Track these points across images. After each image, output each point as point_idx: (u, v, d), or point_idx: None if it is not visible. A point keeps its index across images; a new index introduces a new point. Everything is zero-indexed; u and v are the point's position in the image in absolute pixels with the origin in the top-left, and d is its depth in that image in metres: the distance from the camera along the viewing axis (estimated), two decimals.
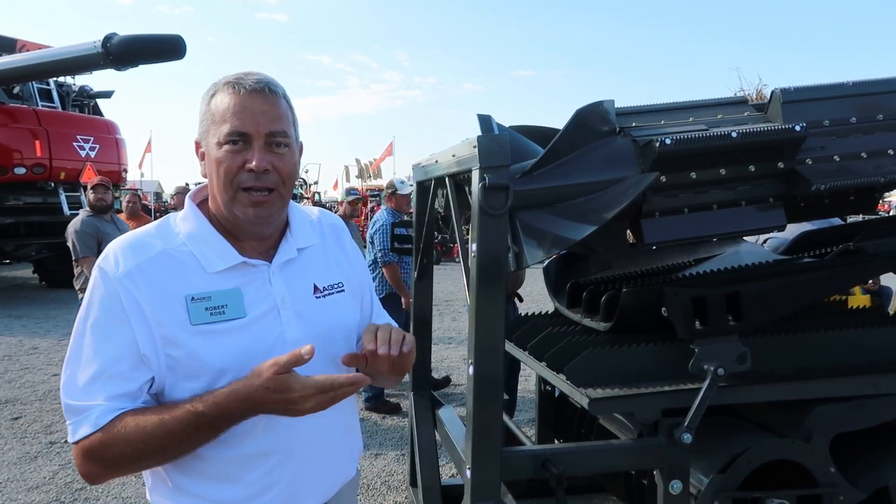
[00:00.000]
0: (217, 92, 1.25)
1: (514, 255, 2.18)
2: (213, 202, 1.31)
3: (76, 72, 10.66)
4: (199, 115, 1.29)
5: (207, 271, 1.24)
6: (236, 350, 1.23)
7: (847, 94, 2.32)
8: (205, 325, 1.21)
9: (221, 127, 1.22)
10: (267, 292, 1.29)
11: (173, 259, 1.24)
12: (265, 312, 1.27)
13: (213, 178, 1.26)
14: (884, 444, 2.39)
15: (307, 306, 1.34)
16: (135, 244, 1.25)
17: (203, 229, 1.28)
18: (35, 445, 4.58)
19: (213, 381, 1.22)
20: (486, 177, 1.99)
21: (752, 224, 2.31)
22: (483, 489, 2.04)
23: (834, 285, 2.59)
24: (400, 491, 3.94)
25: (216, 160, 1.24)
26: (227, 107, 1.23)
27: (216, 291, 1.23)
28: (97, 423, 1.18)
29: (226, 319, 1.23)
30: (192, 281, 1.23)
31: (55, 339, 7.97)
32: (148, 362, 1.21)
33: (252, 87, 1.24)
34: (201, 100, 1.28)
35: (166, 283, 1.21)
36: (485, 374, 2.05)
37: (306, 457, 1.33)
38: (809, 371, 2.29)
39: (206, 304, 1.22)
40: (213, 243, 1.27)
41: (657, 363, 2.26)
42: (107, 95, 13.63)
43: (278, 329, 1.28)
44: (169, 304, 1.20)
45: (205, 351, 1.21)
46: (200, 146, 1.30)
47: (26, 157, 10.54)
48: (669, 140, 2.06)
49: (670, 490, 2.11)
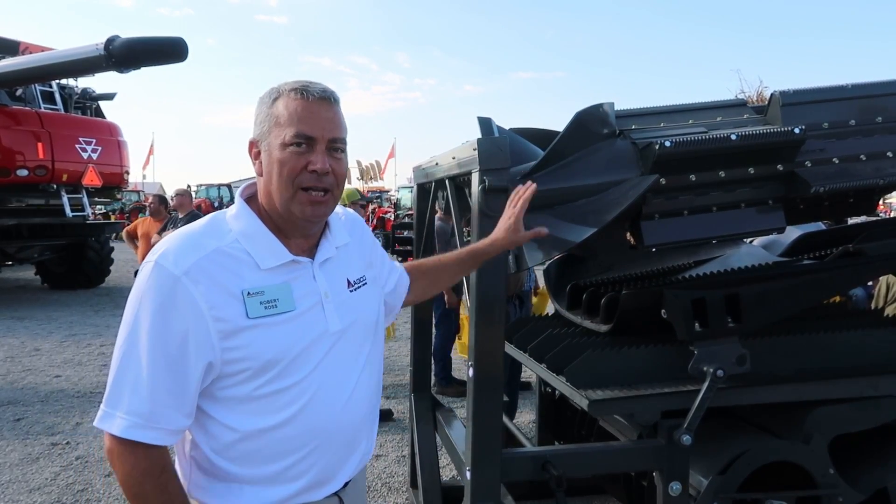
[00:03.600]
0: (280, 97, 1.32)
1: (515, 257, 2.19)
2: (266, 200, 1.36)
3: (79, 74, 10.67)
4: (256, 117, 1.35)
5: (261, 267, 1.31)
6: (287, 341, 1.31)
7: (846, 96, 2.33)
8: (261, 318, 1.28)
9: (287, 129, 1.29)
10: (312, 287, 1.37)
11: (228, 256, 1.29)
12: (311, 306, 1.36)
13: (272, 177, 1.32)
14: (883, 446, 2.39)
15: (343, 300, 1.43)
16: (190, 242, 1.29)
17: (255, 228, 1.34)
18: (37, 447, 4.59)
19: (263, 371, 1.29)
20: (486, 179, 2.00)
21: (751, 226, 2.32)
22: (483, 490, 2.05)
23: (833, 287, 2.59)
24: (401, 492, 3.94)
25: (279, 160, 1.30)
26: (295, 111, 1.30)
27: (269, 286, 1.30)
28: (168, 439, 1.26)
29: (278, 312, 1.30)
30: (246, 276, 1.29)
31: (57, 341, 7.98)
32: (205, 357, 1.26)
33: (319, 94, 1.32)
34: (259, 102, 1.36)
35: (222, 278, 1.27)
36: (485, 375, 2.06)
37: (341, 441, 1.42)
38: (809, 373, 2.29)
39: (260, 299, 1.28)
40: (266, 241, 1.34)
41: (657, 365, 2.27)
42: (109, 98, 13.65)
43: (322, 321, 1.37)
44: (227, 299, 1.26)
45: (261, 343, 1.28)
46: (256, 146, 1.36)
47: (29, 159, 10.55)
48: (669, 142, 2.07)
49: (670, 491, 2.11)
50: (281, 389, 1.31)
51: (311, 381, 1.34)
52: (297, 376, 1.32)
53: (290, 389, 1.32)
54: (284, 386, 1.31)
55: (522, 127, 2.56)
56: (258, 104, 1.36)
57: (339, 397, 1.40)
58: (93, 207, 13.56)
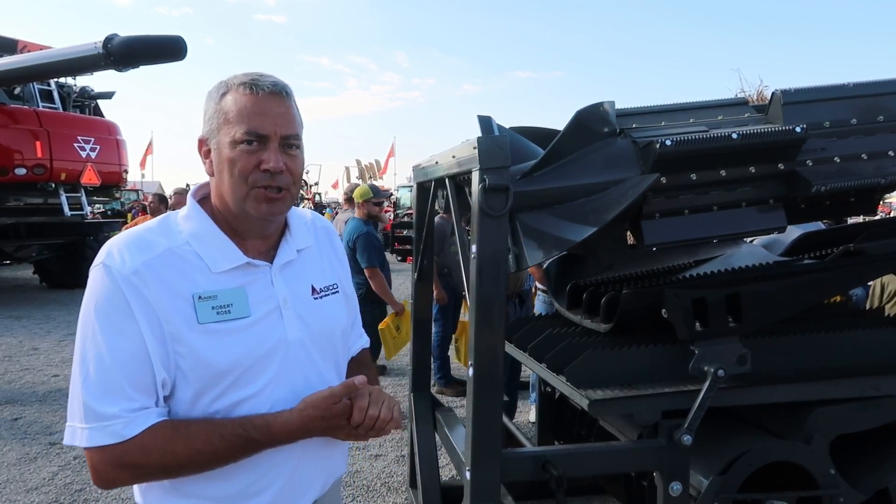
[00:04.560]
0: (229, 91, 1.25)
1: (515, 256, 2.18)
2: (218, 200, 1.30)
3: (77, 72, 10.65)
4: (205, 113, 1.28)
5: (213, 271, 1.25)
6: (241, 350, 1.24)
7: (847, 95, 2.32)
8: (212, 323, 1.21)
9: (237, 127, 1.23)
10: (270, 293, 1.30)
11: (179, 257, 1.23)
12: (268, 312, 1.28)
13: (223, 176, 1.26)
14: (884, 446, 2.38)
15: (306, 307, 1.36)
16: (140, 242, 1.23)
17: (207, 229, 1.27)
18: (35, 446, 4.58)
19: (214, 381, 1.22)
20: (486, 178, 1.99)
21: (752, 225, 2.31)
22: (483, 490, 2.04)
23: (834, 287, 2.58)
24: (400, 492, 3.93)
25: (229, 159, 1.24)
26: (244, 107, 1.23)
27: (221, 290, 1.24)
28: (125, 433, 1.17)
29: (231, 319, 1.23)
30: (197, 280, 1.23)
31: (55, 340, 7.96)
32: (161, 361, 1.20)
33: (270, 89, 1.25)
34: (207, 97, 1.28)
35: (173, 281, 1.21)
36: (485, 375, 2.05)
37: (303, 456, 1.33)
38: (810, 373, 2.29)
39: (212, 304, 1.22)
40: (218, 243, 1.27)
41: (657, 365, 2.26)
42: (107, 96, 13.64)
43: (280, 329, 1.29)
44: (177, 303, 1.20)
45: (210, 350, 1.21)
46: (205, 144, 1.29)
47: (27, 157, 10.53)
48: (670, 141, 2.06)
49: (670, 492, 2.11)
50: (235, 402, 1.24)
51: (267, 392, 1.27)
52: (253, 388, 1.25)
53: (245, 402, 1.25)
54: (239, 399, 1.24)
55: (522, 126, 2.55)
56: (206, 99, 1.28)
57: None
58: (91, 206, 13.53)
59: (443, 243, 5.57)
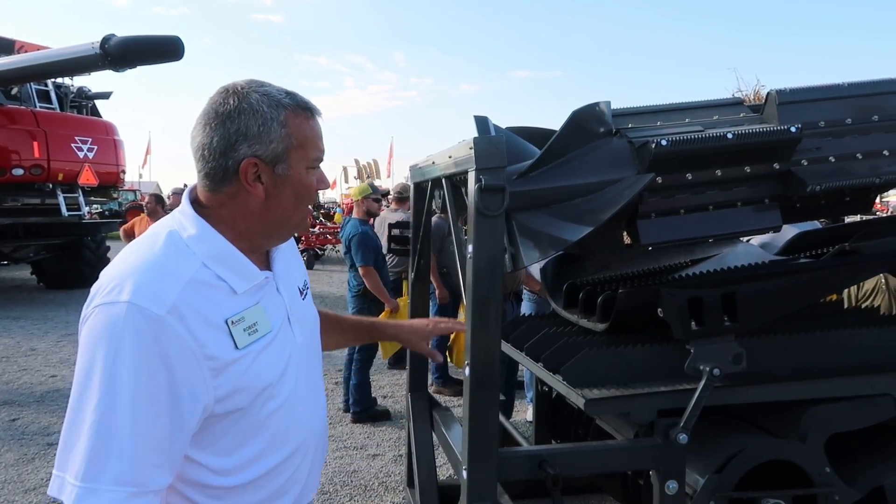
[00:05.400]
0: (291, 114, 1.20)
1: (511, 256, 2.19)
2: (244, 218, 1.23)
3: (74, 73, 10.62)
4: (256, 132, 1.17)
5: (236, 292, 1.19)
6: (273, 365, 1.22)
7: (843, 95, 2.33)
8: (247, 346, 1.17)
9: (310, 151, 1.22)
10: (278, 302, 1.29)
11: (203, 284, 1.15)
12: (282, 322, 1.28)
13: (282, 199, 1.22)
14: (879, 444, 2.39)
15: (300, 308, 1.36)
16: (163, 272, 1.12)
17: (225, 249, 1.20)
18: (32, 447, 4.58)
19: (252, 402, 1.19)
20: (482, 178, 2.00)
21: (748, 225, 2.32)
22: (479, 489, 2.05)
23: (830, 286, 2.60)
24: (397, 492, 3.94)
25: (306, 185, 1.23)
26: (312, 132, 1.23)
27: (246, 310, 1.19)
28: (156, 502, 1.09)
29: (260, 337, 1.20)
30: (223, 304, 1.16)
31: (53, 341, 7.96)
32: (199, 400, 1.13)
33: (318, 111, 1.26)
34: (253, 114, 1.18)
35: (205, 310, 1.13)
36: (481, 374, 2.06)
37: (318, 449, 1.38)
38: (805, 371, 2.30)
39: (242, 326, 1.17)
40: (237, 264, 1.21)
41: (653, 364, 2.27)
42: (105, 97, 13.60)
43: (292, 336, 1.29)
44: (215, 334, 1.13)
45: (254, 371, 1.18)
46: (259, 166, 1.19)
47: (24, 158, 10.51)
48: (665, 141, 2.07)
49: (666, 490, 2.11)
50: (268, 415, 1.22)
51: (291, 400, 1.27)
52: (279, 400, 1.24)
53: (275, 414, 1.24)
54: (270, 411, 1.23)
55: (519, 126, 2.56)
56: (250, 116, 1.17)
57: (313, 409, 1.36)
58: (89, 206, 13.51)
59: (443, 242, 5.59)
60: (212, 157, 1.18)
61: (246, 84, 1.21)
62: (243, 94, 1.19)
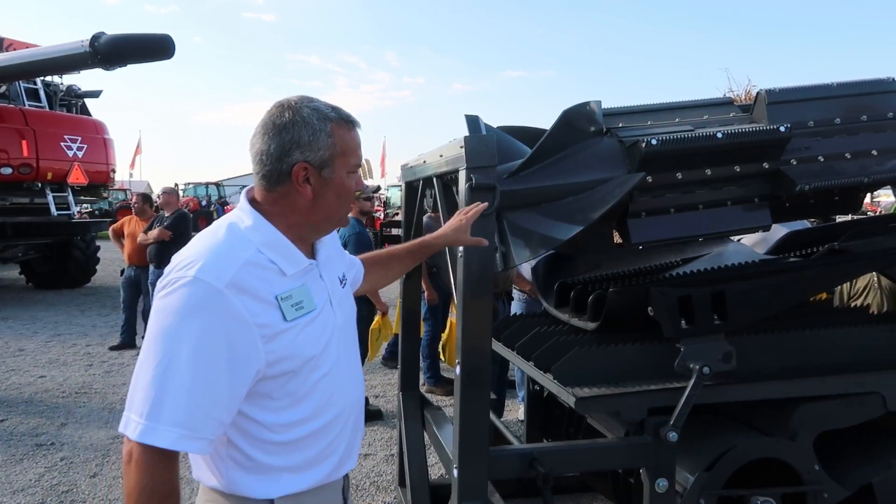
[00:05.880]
0: (336, 126, 1.41)
1: (502, 255, 2.19)
2: (295, 213, 1.44)
3: (64, 71, 10.57)
4: (307, 141, 1.38)
5: (285, 274, 1.39)
6: (318, 336, 1.42)
7: (832, 95, 2.35)
8: (295, 319, 1.37)
9: (350, 158, 1.43)
10: (321, 286, 1.48)
11: (257, 265, 1.35)
12: (325, 303, 1.47)
13: (327, 198, 1.43)
14: (868, 442, 2.41)
15: (340, 295, 1.56)
16: (224, 254, 1.34)
17: (276, 238, 1.41)
18: (21, 448, 4.54)
19: (298, 369, 1.38)
20: (472, 177, 2.00)
21: (737, 224, 2.33)
22: (470, 488, 2.05)
23: (819, 285, 2.61)
24: (389, 491, 3.93)
25: (347, 187, 1.45)
26: (353, 141, 1.44)
27: (293, 290, 1.39)
28: (208, 449, 1.30)
29: (306, 313, 1.40)
30: (274, 283, 1.36)
31: (42, 341, 7.90)
32: (253, 363, 1.32)
33: (358, 124, 1.47)
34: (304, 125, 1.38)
35: (257, 287, 1.33)
36: (472, 373, 2.06)
37: (356, 420, 1.57)
38: (794, 370, 2.31)
39: (290, 302, 1.37)
40: (287, 250, 1.42)
41: (644, 362, 2.27)
42: (95, 95, 13.52)
43: (333, 316, 1.49)
44: (265, 307, 1.33)
45: (298, 342, 1.37)
46: (308, 170, 1.39)
47: (13, 157, 10.42)
48: (656, 140, 2.08)
49: (656, 488, 2.12)
50: (317, 381, 1.42)
51: (336, 370, 1.46)
52: (326, 367, 1.44)
53: (324, 378, 1.43)
54: (318, 377, 1.42)
55: (510, 125, 2.56)
56: (302, 127, 1.38)
57: (353, 382, 1.55)
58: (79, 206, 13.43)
59: None
60: (269, 162, 1.39)
61: (298, 100, 1.41)
62: (296, 108, 1.39)
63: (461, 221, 1.93)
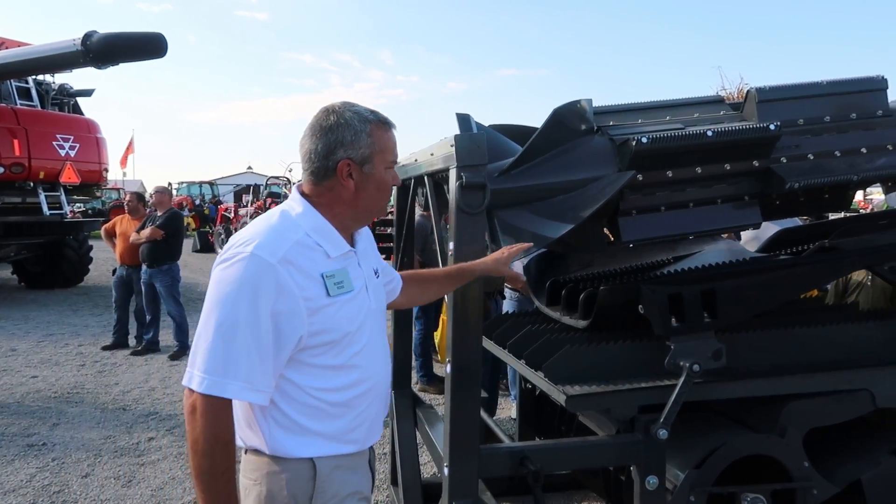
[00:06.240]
0: (375, 127, 1.60)
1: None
2: (340, 205, 1.62)
3: (56, 70, 10.52)
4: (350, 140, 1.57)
5: (330, 256, 1.57)
6: (354, 316, 1.59)
7: (821, 93, 2.35)
8: (337, 296, 1.55)
9: (387, 155, 1.62)
10: (359, 272, 1.66)
11: (305, 246, 1.54)
12: (362, 287, 1.65)
13: (368, 191, 1.62)
14: (857, 439, 2.42)
15: (375, 284, 1.74)
16: (277, 234, 1.52)
17: (323, 224, 1.60)
18: (12, 448, 4.52)
19: (337, 341, 1.55)
20: (463, 175, 2.00)
21: (728, 222, 2.34)
22: (461, 487, 2.05)
23: (809, 282, 2.62)
24: (381, 489, 3.93)
25: (386, 180, 1.64)
26: (391, 141, 1.64)
27: (336, 270, 1.57)
28: (265, 399, 1.49)
29: (346, 292, 1.58)
30: (319, 262, 1.55)
31: (34, 341, 7.87)
32: (297, 330, 1.49)
33: (394, 125, 1.66)
34: (346, 127, 1.57)
35: (305, 265, 1.51)
36: (463, 371, 2.06)
37: (385, 395, 1.74)
38: (784, 367, 2.32)
39: (333, 281, 1.55)
40: (332, 235, 1.60)
41: (634, 360, 2.28)
42: (87, 94, 13.45)
43: (367, 300, 1.66)
44: (312, 282, 1.51)
45: (338, 317, 1.55)
46: (350, 166, 1.58)
47: (5, 156, 10.36)
48: (646, 139, 2.08)
49: (647, 486, 2.13)
50: (352, 355, 1.59)
51: (368, 348, 1.63)
52: (360, 344, 1.61)
53: (357, 354, 1.60)
54: (353, 352, 1.59)
55: (502, 123, 2.56)
56: (345, 128, 1.57)
57: (384, 360, 1.72)
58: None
59: (425, 241, 5.57)
60: (316, 159, 1.59)
61: (341, 105, 1.61)
62: (339, 112, 1.59)
63: (503, 254, 2.02)
